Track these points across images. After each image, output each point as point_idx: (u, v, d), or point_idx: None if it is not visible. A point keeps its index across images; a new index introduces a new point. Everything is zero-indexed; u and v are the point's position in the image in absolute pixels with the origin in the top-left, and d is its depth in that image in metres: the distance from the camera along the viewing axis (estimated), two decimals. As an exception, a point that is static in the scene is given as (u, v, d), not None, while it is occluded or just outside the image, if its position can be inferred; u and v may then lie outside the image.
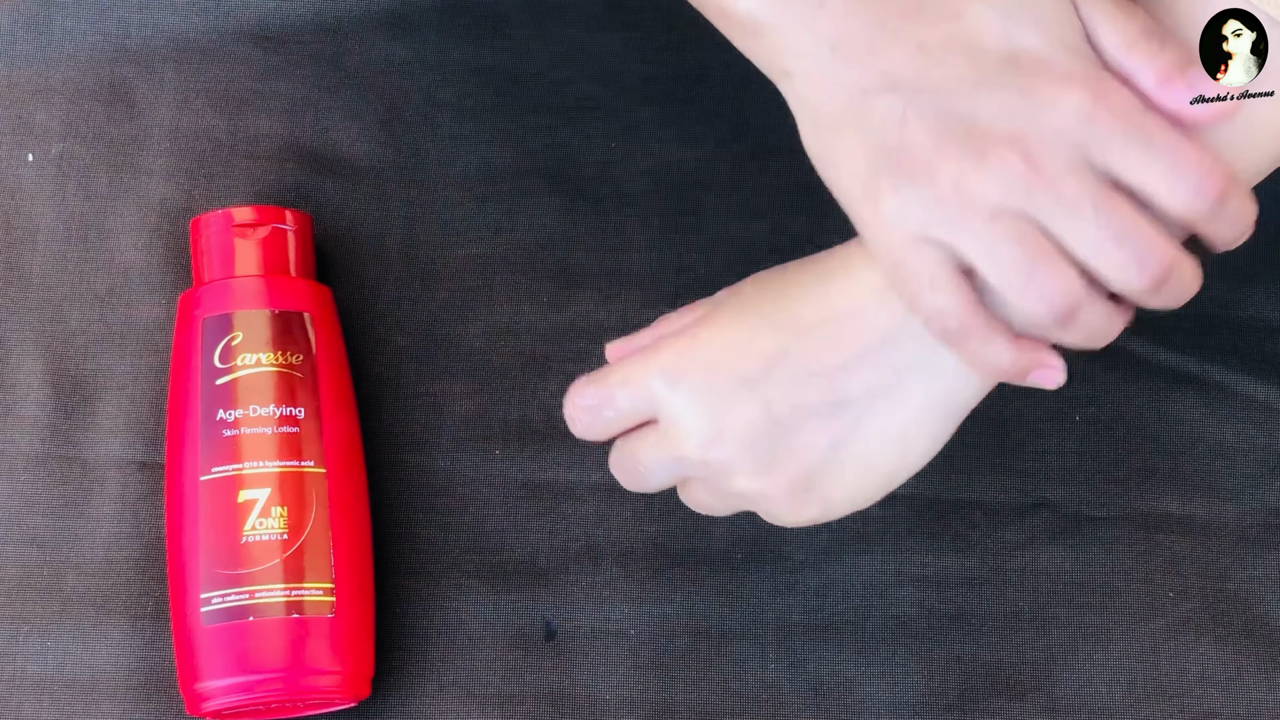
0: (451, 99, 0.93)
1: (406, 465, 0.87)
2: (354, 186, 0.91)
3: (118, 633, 0.85)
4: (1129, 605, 0.86)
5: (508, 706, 0.84)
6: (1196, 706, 0.84)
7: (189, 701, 0.82)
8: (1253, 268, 0.91)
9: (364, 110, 0.92)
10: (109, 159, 0.91)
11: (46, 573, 0.86)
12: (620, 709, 0.84)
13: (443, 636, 0.85)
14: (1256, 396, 0.89)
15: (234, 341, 0.84)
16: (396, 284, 0.90)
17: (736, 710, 0.84)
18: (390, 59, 0.93)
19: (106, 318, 0.89)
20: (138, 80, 0.92)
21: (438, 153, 0.92)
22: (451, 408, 0.88)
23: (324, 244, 0.90)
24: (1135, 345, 0.89)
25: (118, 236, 0.90)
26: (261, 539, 0.81)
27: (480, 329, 0.89)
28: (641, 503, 0.87)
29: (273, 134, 0.92)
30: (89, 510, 0.86)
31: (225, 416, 0.82)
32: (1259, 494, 0.87)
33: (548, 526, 0.87)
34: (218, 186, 0.91)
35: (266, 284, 0.85)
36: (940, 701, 0.84)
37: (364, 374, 0.88)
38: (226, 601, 0.80)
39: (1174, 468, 0.88)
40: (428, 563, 0.86)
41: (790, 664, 0.85)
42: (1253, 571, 0.86)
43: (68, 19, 0.93)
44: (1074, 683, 0.85)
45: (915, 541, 0.87)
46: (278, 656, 0.80)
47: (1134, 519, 0.87)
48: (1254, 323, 0.90)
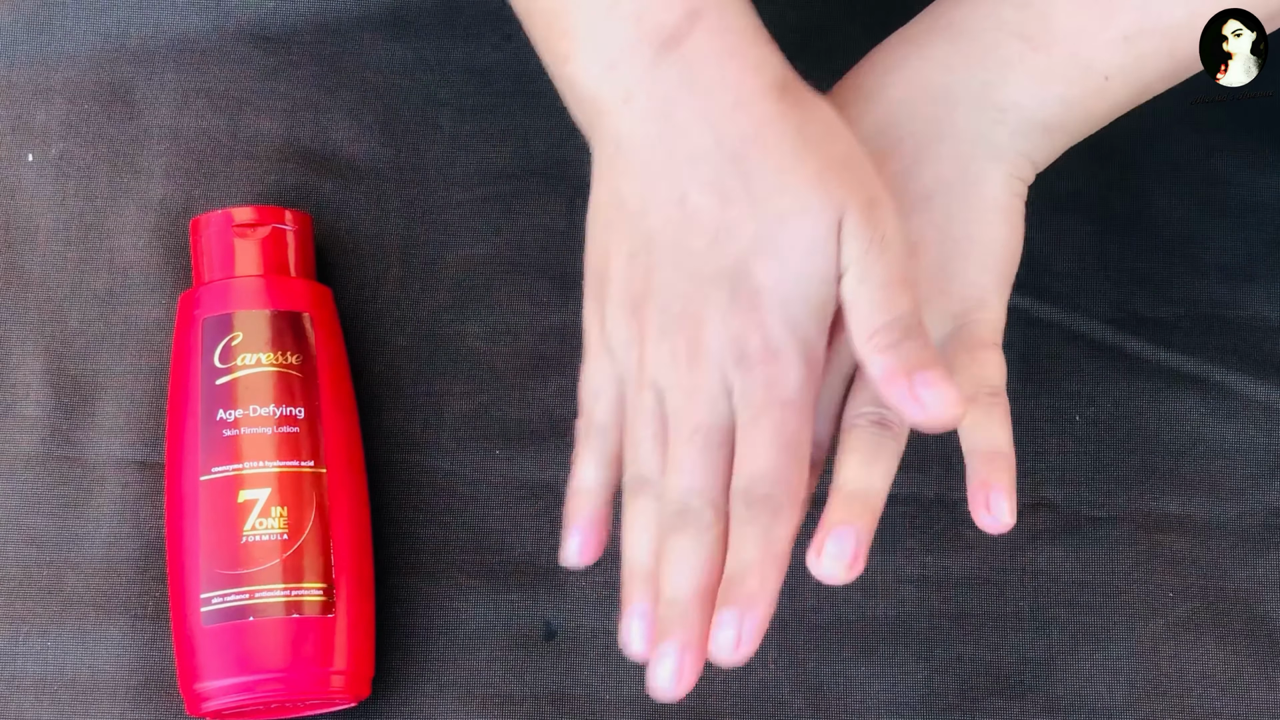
0: (451, 99, 0.93)
1: (406, 465, 0.87)
2: (354, 186, 0.91)
3: (118, 633, 0.85)
4: (1129, 605, 0.86)
5: (508, 706, 0.84)
6: (1196, 706, 0.84)
7: (189, 701, 0.82)
8: (1253, 268, 0.91)
9: (364, 110, 0.92)
10: (109, 159, 0.91)
11: (46, 573, 0.86)
12: (620, 709, 0.84)
13: (443, 636, 0.85)
14: (1256, 396, 0.89)
15: (234, 341, 0.84)
16: (396, 284, 0.90)
17: (736, 710, 0.84)
18: (390, 59, 0.93)
19: (106, 318, 0.89)
20: (138, 80, 0.92)
21: (438, 153, 0.92)
22: (451, 408, 0.88)
23: (324, 244, 0.90)
24: (1135, 345, 0.89)
25: (118, 236, 0.90)
26: (261, 539, 0.81)
27: (480, 329, 0.89)
28: (641, 503, 0.87)
29: (273, 134, 0.92)
30: (89, 510, 0.86)
31: (225, 416, 0.82)
32: (1259, 494, 0.87)
33: (548, 526, 0.87)
34: (218, 186, 0.91)
35: (266, 284, 0.85)
36: (940, 701, 0.84)
37: (364, 374, 0.88)
38: (226, 601, 0.80)
39: (1174, 468, 0.88)
40: (428, 563, 0.86)
41: (790, 664, 0.85)
42: (1253, 571, 0.86)
43: (68, 19, 0.93)
44: (1074, 683, 0.85)
45: (915, 541, 0.87)
46: (278, 656, 0.80)
47: (1134, 519, 0.87)
48: (1254, 323, 0.90)
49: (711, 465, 0.69)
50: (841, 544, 0.67)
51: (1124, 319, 0.90)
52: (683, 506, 0.69)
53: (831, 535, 0.67)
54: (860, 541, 0.67)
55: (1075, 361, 0.89)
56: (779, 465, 0.68)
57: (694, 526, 0.69)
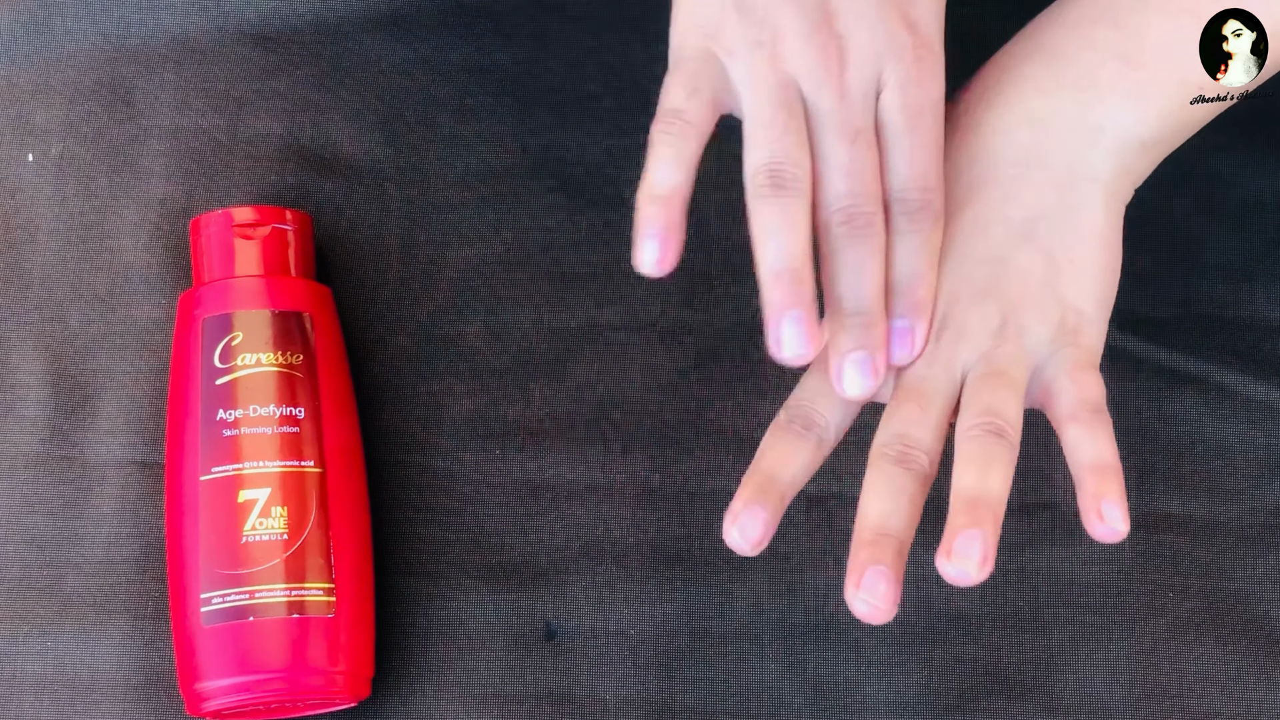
0: (451, 99, 0.93)
1: (406, 465, 0.87)
2: (354, 186, 0.91)
3: (118, 633, 0.85)
4: (1129, 605, 0.86)
5: (508, 706, 0.84)
6: (1196, 706, 0.84)
7: (189, 701, 0.82)
8: (1253, 268, 0.91)
9: (364, 110, 0.92)
10: (109, 159, 0.91)
11: (46, 573, 0.86)
12: (620, 709, 0.84)
13: (443, 636, 0.85)
14: (1256, 396, 0.89)
15: (234, 341, 0.84)
16: (396, 284, 0.90)
17: (736, 710, 0.84)
18: (390, 59, 0.93)
19: (106, 318, 0.89)
20: (138, 80, 0.92)
21: (438, 153, 0.92)
22: (451, 408, 0.88)
23: (324, 244, 0.90)
24: (1135, 345, 0.89)
25: (118, 236, 0.90)
26: (261, 539, 0.81)
27: (480, 329, 0.89)
28: (641, 503, 0.87)
29: (273, 134, 0.92)
30: (89, 510, 0.86)
31: (225, 416, 0.82)
32: (1259, 494, 0.87)
33: (548, 526, 0.87)
34: (218, 186, 0.91)
35: (266, 284, 0.85)
36: (940, 701, 0.84)
37: (364, 374, 0.88)
38: (227, 601, 0.80)
39: (1174, 468, 0.88)
40: (428, 563, 0.86)
41: (790, 664, 0.85)
42: (1253, 571, 0.86)
43: (68, 19, 0.93)
44: (1074, 683, 0.85)
45: (915, 541, 0.86)
46: (278, 656, 0.80)
47: (1134, 519, 0.87)
48: (1254, 323, 0.90)
49: (874, 168, 0.69)
50: (970, 544, 0.68)
51: (1124, 319, 0.90)
52: (854, 210, 0.69)
53: (961, 536, 0.68)
54: (988, 543, 0.68)
55: (1075, 361, 0.89)
56: (938, 170, 0.69)
57: (868, 230, 0.69)
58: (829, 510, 0.86)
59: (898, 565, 0.69)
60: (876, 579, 0.68)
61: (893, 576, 0.68)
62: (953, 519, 0.69)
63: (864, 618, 0.68)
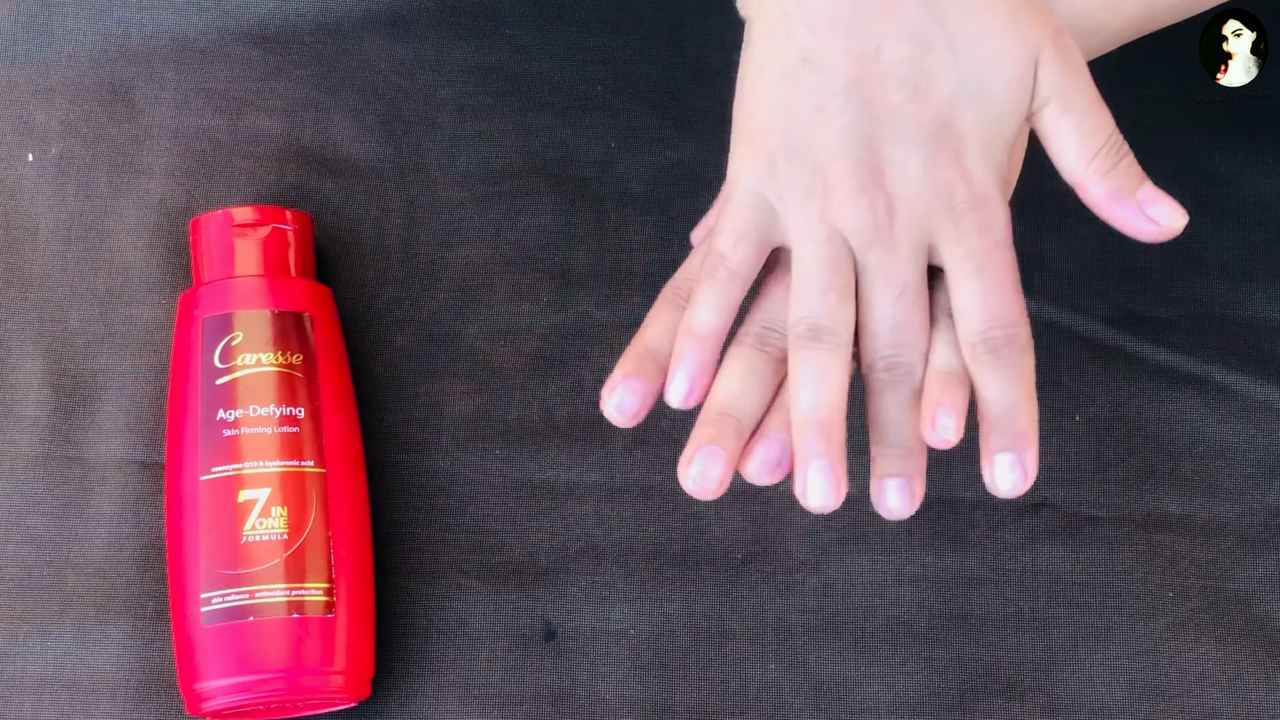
0: (451, 99, 0.93)
1: (406, 465, 0.87)
2: (354, 186, 0.91)
3: (118, 633, 0.85)
4: (1129, 605, 0.86)
5: (508, 706, 0.84)
6: (1196, 706, 0.84)
7: (189, 701, 0.82)
8: (1253, 268, 0.91)
9: (364, 110, 0.92)
10: (109, 159, 0.91)
11: (46, 573, 0.86)
12: (620, 709, 0.84)
13: (443, 636, 0.85)
14: (1256, 396, 0.89)
15: (234, 341, 0.84)
16: (396, 284, 0.90)
17: (736, 710, 0.84)
18: (390, 59, 0.93)
19: (106, 318, 0.89)
20: (138, 80, 0.92)
21: (438, 153, 0.92)
22: (451, 408, 0.88)
23: (324, 244, 0.90)
24: (1135, 345, 0.89)
25: (118, 236, 0.90)
26: (261, 539, 0.81)
27: (480, 329, 0.89)
28: (641, 503, 0.87)
29: (273, 134, 0.92)
30: (89, 510, 0.86)
31: (225, 416, 0.82)
32: (1259, 494, 0.87)
33: (548, 526, 0.87)
34: (218, 186, 0.91)
35: (266, 284, 0.85)
36: (940, 701, 0.84)
37: (364, 374, 0.88)
38: (227, 601, 0.80)
39: (1174, 468, 0.88)
40: (428, 563, 0.86)
41: (790, 664, 0.85)
42: (1253, 571, 0.86)
43: (68, 19, 0.93)
44: (1074, 683, 0.85)
45: (915, 541, 0.87)
46: (278, 656, 0.80)
47: (1134, 519, 0.87)
48: (1254, 323, 0.90)
49: (920, 322, 0.70)
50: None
51: (1124, 319, 0.90)
52: (896, 361, 0.70)
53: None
54: (784, 449, 0.70)
55: (1075, 361, 0.89)
56: (1016, 305, 0.69)
57: (908, 379, 0.70)
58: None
59: (734, 446, 0.70)
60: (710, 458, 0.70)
61: (726, 457, 0.70)
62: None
63: (693, 493, 0.70)
